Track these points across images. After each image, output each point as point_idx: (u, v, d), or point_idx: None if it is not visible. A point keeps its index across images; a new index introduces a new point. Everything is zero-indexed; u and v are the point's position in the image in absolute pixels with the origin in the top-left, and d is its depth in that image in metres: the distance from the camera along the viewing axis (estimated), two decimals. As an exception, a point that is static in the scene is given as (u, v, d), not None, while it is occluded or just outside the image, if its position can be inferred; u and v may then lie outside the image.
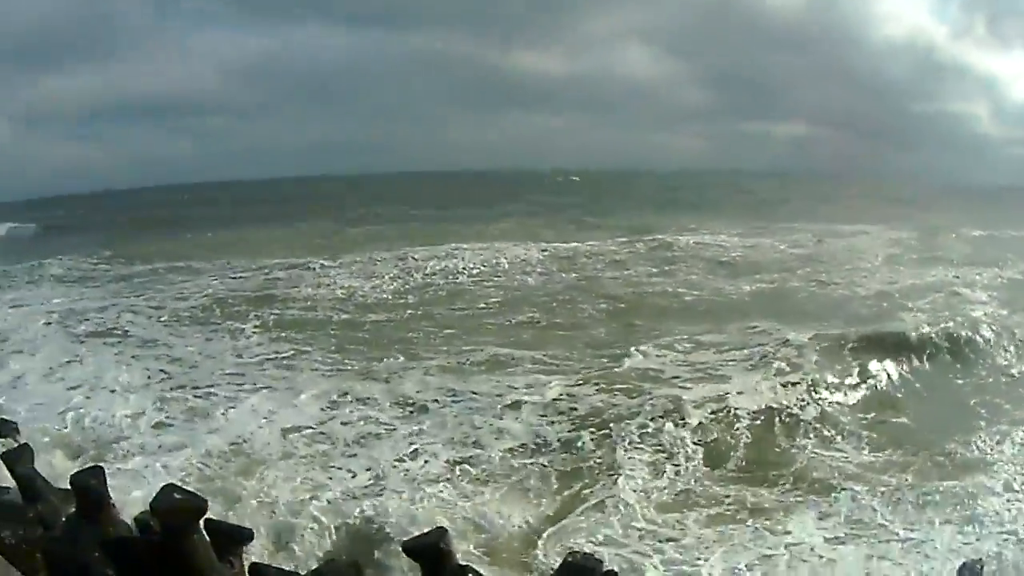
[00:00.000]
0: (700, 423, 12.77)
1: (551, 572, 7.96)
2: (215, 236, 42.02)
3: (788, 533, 9.42)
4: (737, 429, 12.71)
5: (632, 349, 16.79)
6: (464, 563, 7.34)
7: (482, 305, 22.63)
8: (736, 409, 13.30)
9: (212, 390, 14.74)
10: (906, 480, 10.82)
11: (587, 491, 10.61)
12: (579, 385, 14.60)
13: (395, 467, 11.19)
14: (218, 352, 17.58)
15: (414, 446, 11.98)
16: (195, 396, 14.37)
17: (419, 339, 18.46)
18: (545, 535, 9.32)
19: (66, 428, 12.64)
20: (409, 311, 21.85)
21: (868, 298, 22.77)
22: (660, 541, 9.28)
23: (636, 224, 42.77)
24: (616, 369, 15.57)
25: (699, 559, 8.85)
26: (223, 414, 13.38)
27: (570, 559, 7.45)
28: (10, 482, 8.20)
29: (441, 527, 7.85)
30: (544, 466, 11.33)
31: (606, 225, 43.45)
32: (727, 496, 10.58)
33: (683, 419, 12.84)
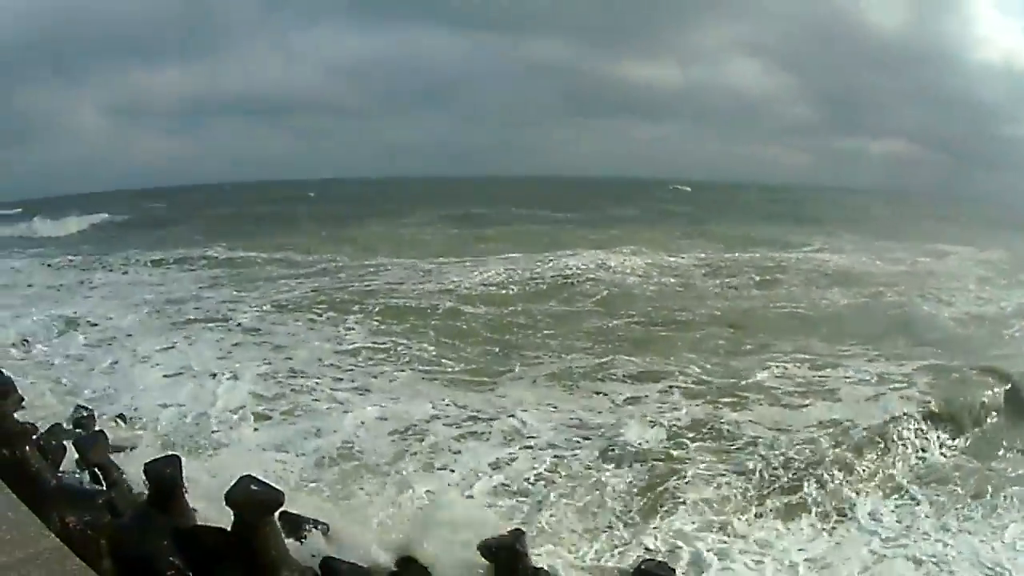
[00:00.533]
0: (792, 432, 12.64)
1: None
2: (316, 231, 42.87)
3: (847, 531, 9.93)
4: (832, 441, 12.31)
5: (734, 360, 16.73)
6: (539, 566, 7.27)
7: (586, 307, 22.61)
8: (833, 424, 13.02)
9: (312, 383, 14.60)
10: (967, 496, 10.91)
11: (672, 497, 10.39)
12: (680, 395, 14.39)
13: (489, 469, 10.99)
14: (319, 342, 17.52)
15: (510, 450, 11.71)
16: (293, 391, 14.15)
17: (520, 340, 18.33)
18: (624, 541, 9.20)
19: (159, 417, 12.56)
20: (512, 309, 21.72)
21: (964, 321, 21.88)
22: (729, 536, 9.47)
23: (742, 235, 43.12)
24: (717, 381, 15.24)
25: (762, 555, 9.11)
26: (321, 410, 13.23)
27: (643, 566, 7.40)
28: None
29: (519, 529, 7.75)
30: (635, 473, 11.04)
31: (713, 235, 43.50)
32: (800, 496, 10.65)
33: (777, 428, 12.75)
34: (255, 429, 12.26)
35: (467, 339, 18.17)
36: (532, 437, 11.99)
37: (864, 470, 11.40)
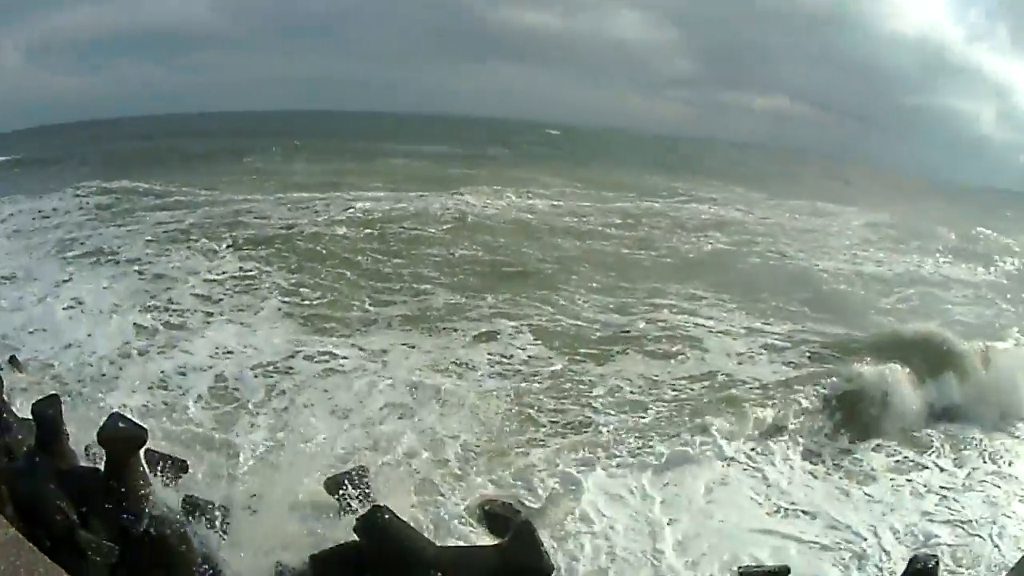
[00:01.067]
0: (652, 378, 13.55)
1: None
2: (197, 166, 42.81)
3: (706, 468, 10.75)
4: (694, 390, 13.28)
5: (587, 300, 17.87)
6: (380, 503, 7.15)
7: (438, 235, 24.13)
8: (703, 376, 13.95)
9: (185, 318, 15.49)
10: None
11: (527, 441, 11.00)
12: (531, 335, 15.31)
13: (345, 407, 11.58)
14: (193, 272, 18.45)
15: (372, 383, 12.44)
16: (168, 325, 15.03)
17: (372, 271, 19.59)
18: (473, 482, 9.60)
19: (51, 356, 13.03)
20: (368, 233, 23.33)
21: (837, 278, 22.82)
22: (583, 475, 9.96)
23: (611, 181, 43.70)
24: (568, 321, 16.30)
25: (617, 491, 9.90)
26: (194, 344, 13.94)
27: (488, 508, 8.02)
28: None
29: (363, 466, 8.42)
30: (490, 413, 11.70)
31: (580, 178, 43.89)
32: (662, 438, 11.26)
33: (638, 374, 13.65)
34: (144, 364, 12.84)
35: (326, 264, 19.57)
36: (388, 378, 12.60)
37: (728, 420, 11.81)
